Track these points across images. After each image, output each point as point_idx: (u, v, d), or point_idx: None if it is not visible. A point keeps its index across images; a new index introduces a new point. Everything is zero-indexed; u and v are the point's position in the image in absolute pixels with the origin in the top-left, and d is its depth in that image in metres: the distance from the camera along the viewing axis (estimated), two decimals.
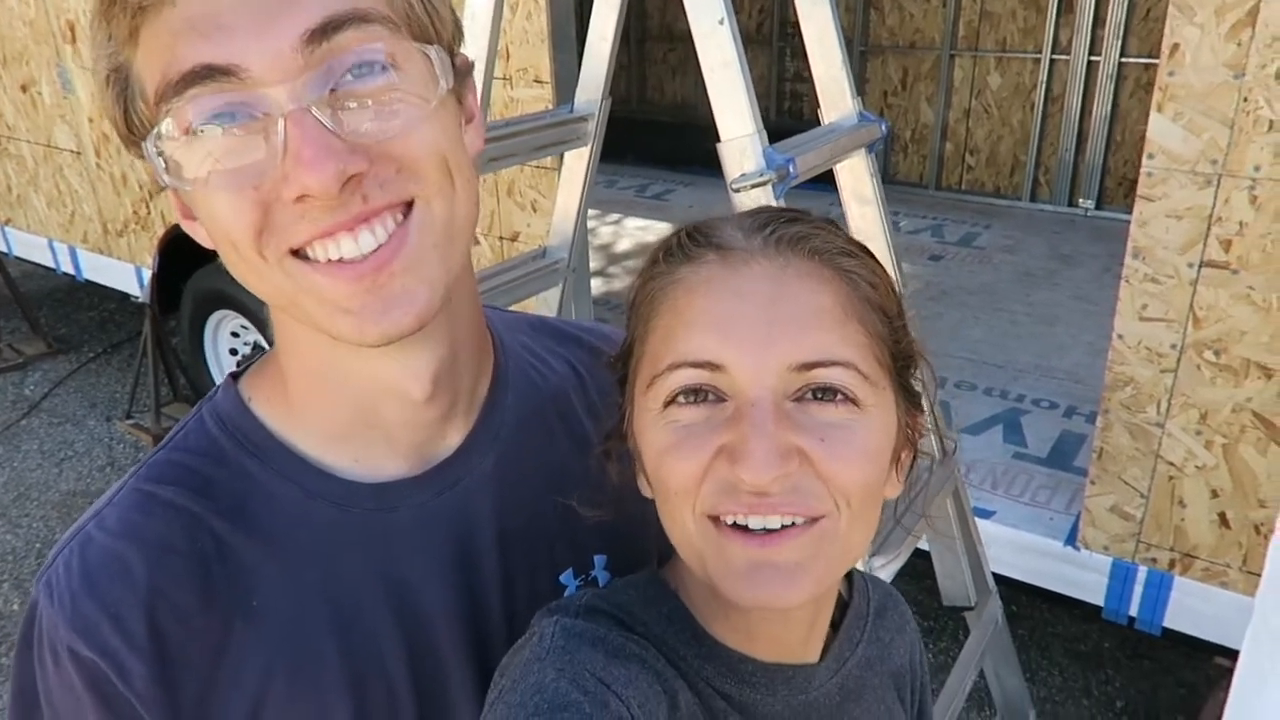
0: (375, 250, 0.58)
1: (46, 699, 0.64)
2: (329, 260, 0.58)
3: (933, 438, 1.76)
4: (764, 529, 0.57)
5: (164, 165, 0.57)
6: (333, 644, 0.67)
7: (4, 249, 5.00)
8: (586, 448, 0.77)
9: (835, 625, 0.73)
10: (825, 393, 0.58)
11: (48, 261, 4.76)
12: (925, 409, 0.70)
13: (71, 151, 4.22)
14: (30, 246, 4.80)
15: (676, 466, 0.59)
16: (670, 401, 0.60)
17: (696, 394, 0.59)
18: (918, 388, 0.67)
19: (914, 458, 0.69)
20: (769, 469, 0.55)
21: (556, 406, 0.80)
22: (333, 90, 0.55)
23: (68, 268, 4.66)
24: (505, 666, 0.62)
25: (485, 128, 0.63)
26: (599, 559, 0.79)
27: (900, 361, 0.64)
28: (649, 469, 0.63)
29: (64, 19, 3.94)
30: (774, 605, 0.59)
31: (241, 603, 0.65)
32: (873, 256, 0.65)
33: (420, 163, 0.59)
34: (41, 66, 4.15)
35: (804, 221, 0.64)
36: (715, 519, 0.59)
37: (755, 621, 0.65)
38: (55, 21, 3.98)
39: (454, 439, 0.73)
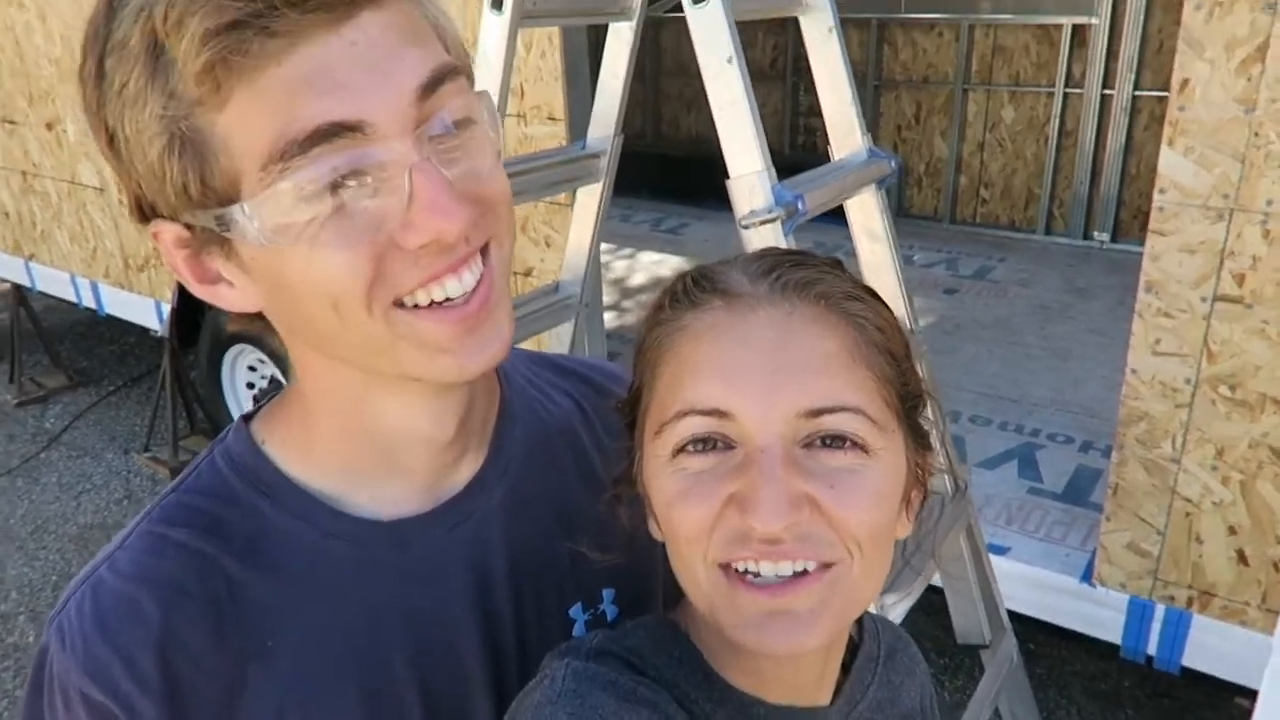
0: (474, 289, 0.61)
1: None
2: (431, 303, 0.60)
3: (945, 473, 1.75)
4: (776, 577, 0.58)
5: (257, 227, 0.55)
6: (349, 683, 0.67)
7: (28, 283, 5.07)
8: (594, 481, 0.77)
9: (846, 667, 0.72)
10: (834, 439, 0.58)
11: (70, 296, 4.83)
12: (935, 447, 0.70)
13: (95, 188, 4.29)
14: (53, 281, 4.87)
15: (687, 515, 0.59)
16: (679, 449, 0.60)
17: (705, 442, 0.59)
18: (926, 426, 0.67)
19: (924, 497, 0.69)
20: (779, 518, 0.55)
21: (563, 440, 0.81)
22: (433, 138, 0.58)
23: (89, 302, 4.72)
24: (515, 710, 0.62)
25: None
26: (607, 593, 0.79)
27: (908, 402, 0.64)
28: (659, 516, 0.63)
29: None
30: (787, 653, 0.59)
31: (256, 643, 0.65)
32: (879, 299, 0.65)
33: (498, 204, 0.63)
34: (67, 105, 4.24)
35: (810, 265, 0.64)
36: (726, 566, 0.59)
37: (766, 665, 0.65)
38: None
39: (465, 473, 0.73)
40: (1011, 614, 2.05)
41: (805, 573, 0.58)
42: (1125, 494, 2.14)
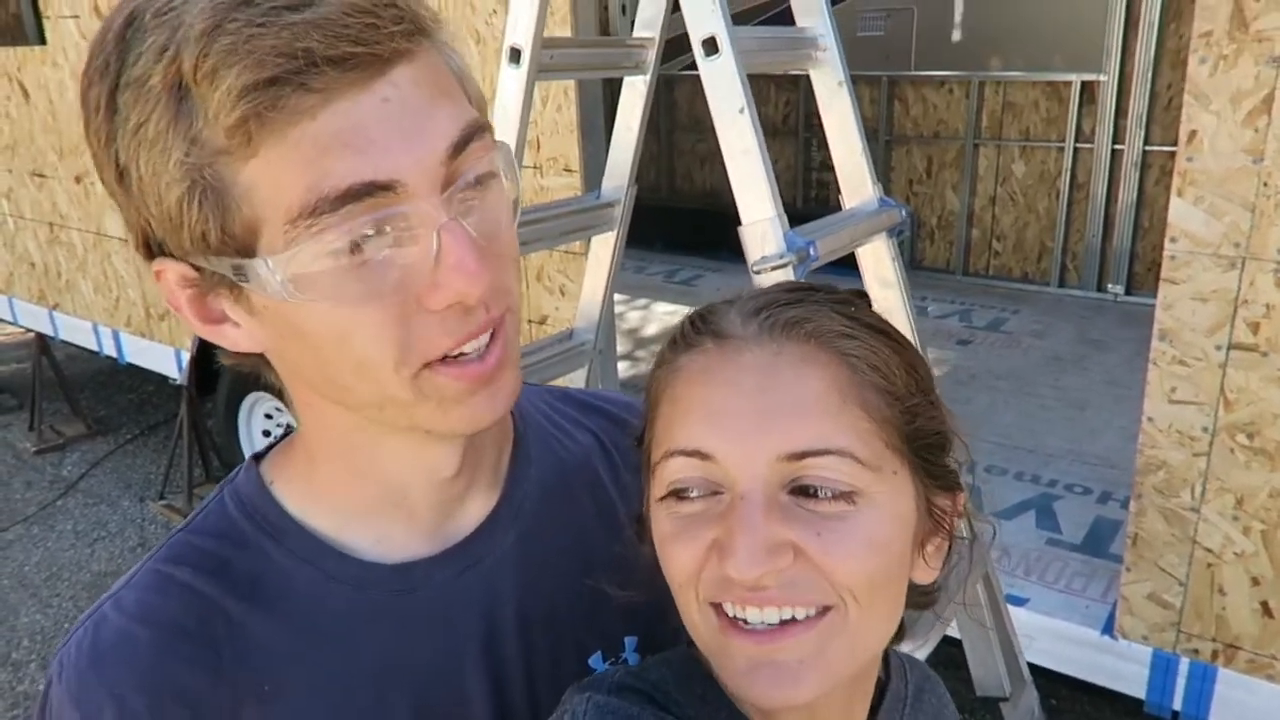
0: (488, 345, 0.61)
1: None
2: (445, 357, 0.60)
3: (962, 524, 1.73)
4: (763, 624, 0.56)
5: (280, 280, 0.55)
6: None
7: (51, 332, 5.15)
8: (613, 519, 0.76)
9: (875, 708, 0.70)
10: (821, 481, 0.56)
11: (91, 345, 4.89)
12: (961, 488, 0.67)
13: (120, 239, 4.37)
14: (76, 330, 4.94)
15: (676, 556, 0.59)
16: (670, 491, 0.60)
17: (698, 484, 0.59)
18: (953, 466, 0.65)
19: (951, 542, 0.66)
20: (754, 566, 0.54)
21: (581, 478, 0.79)
22: (460, 197, 0.58)
23: (110, 351, 4.78)
24: None
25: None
26: (630, 640, 0.77)
27: (918, 441, 0.61)
28: (659, 559, 0.63)
29: None
30: (777, 706, 0.57)
31: (253, 686, 0.64)
32: (885, 335, 0.63)
33: (513, 260, 0.63)
34: None
35: (806, 303, 0.62)
36: (718, 607, 0.58)
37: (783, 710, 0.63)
38: None
39: (475, 514, 0.72)
40: (1033, 667, 2.01)
41: (794, 620, 0.56)
42: (1145, 544, 2.12)
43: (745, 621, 0.57)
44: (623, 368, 3.98)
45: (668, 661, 0.68)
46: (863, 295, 0.66)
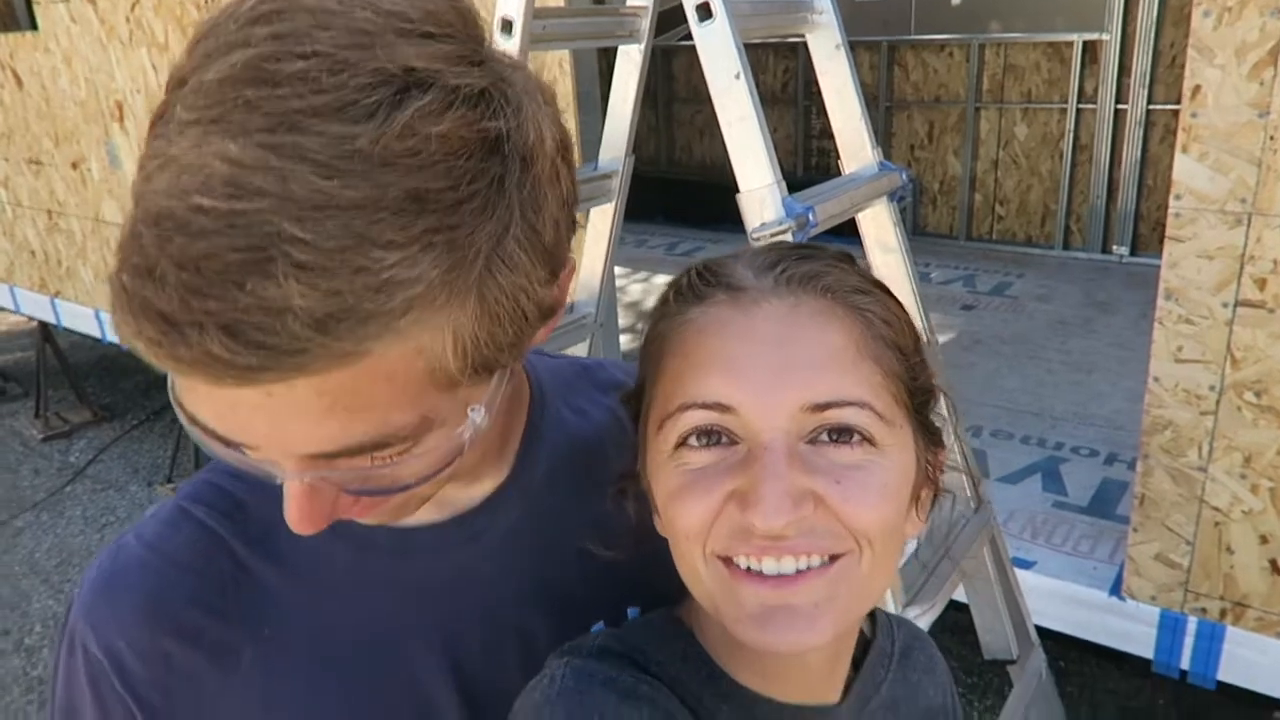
0: None
1: (61, 682, 0.68)
2: None
3: (966, 484, 1.73)
4: (778, 573, 0.56)
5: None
6: (337, 680, 0.67)
7: (53, 320, 5.15)
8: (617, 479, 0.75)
9: (858, 664, 0.71)
10: (840, 434, 0.57)
11: (94, 331, 4.89)
12: (947, 445, 0.69)
13: (119, 225, 4.36)
14: (77, 317, 4.94)
15: (686, 510, 0.58)
16: (681, 444, 0.59)
17: (709, 435, 0.58)
18: (938, 423, 0.66)
19: (935, 495, 0.68)
20: (781, 514, 0.54)
21: (591, 459, 0.78)
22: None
23: (114, 337, 4.77)
24: (516, 710, 0.62)
25: None
26: (632, 611, 0.77)
27: (918, 398, 0.63)
28: (660, 511, 0.62)
29: (113, 99, 4.11)
30: (789, 650, 0.57)
31: (253, 628, 0.66)
32: (888, 293, 0.64)
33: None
34: (91, 144, 4.32)
35: (817, 258, 0.63)
36: (728, 560, 0.58)
37: (771, 662, 0.64)
38: (104, 101, 4.16)
39: (483, 488, 0.72)
40: (1041, 630, 2.01)
41: (808, 568, 0.56)
42: (1152, 504, 2.11)
43: (760, 572, 0.57)
44: (624, 341, 3.97)
45: (649, 624, 0.68)
46: (851, 258, 0.66)
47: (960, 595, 1.92)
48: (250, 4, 0.47)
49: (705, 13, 1.40)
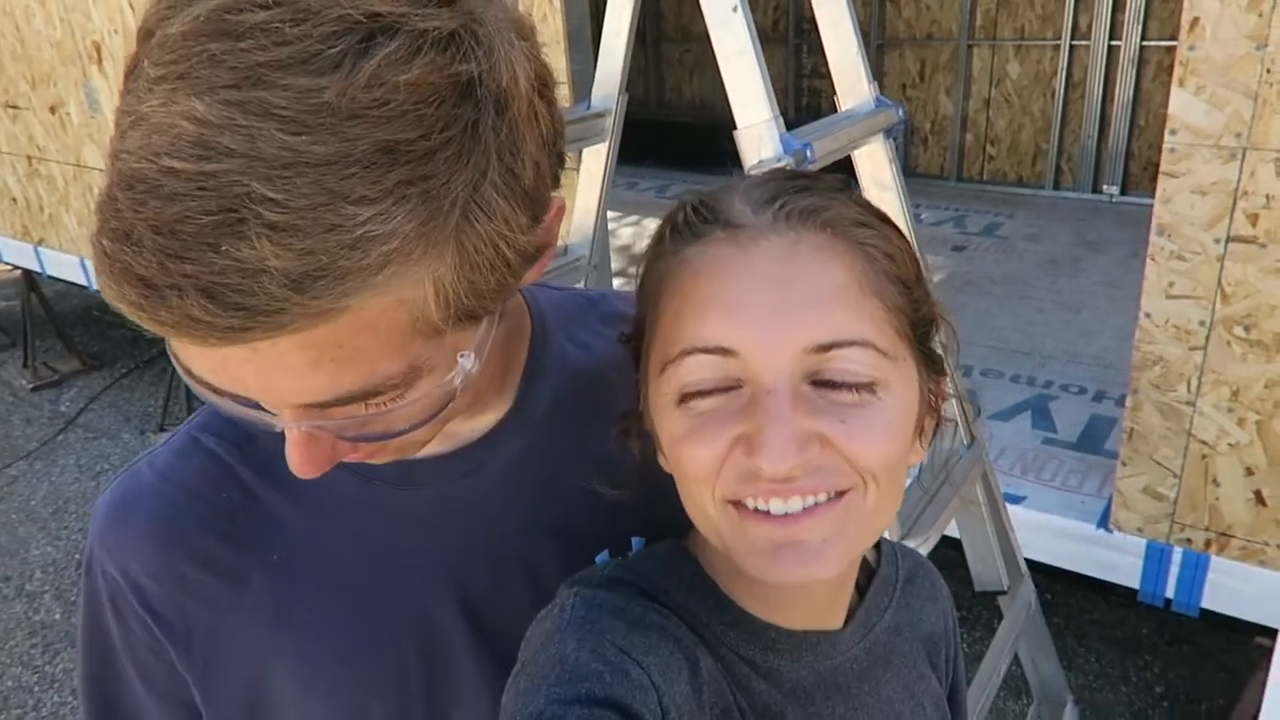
0: None
1: (84, 605, 0.71)
2: None
3: (959, 419, 1.75)
4: (785, 512, 0.57)
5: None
6: (344, 606, 0.69)
7: (38, 269, 5.09)
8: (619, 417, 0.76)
9: (862, 591, 0.72)
10: (843, 373, 0.56)
11: (80, 279, 4.85)
12: (947, 373, 0.69)
13: (101, 170, 4.29)
14: (63, 265, 4.89)
15: (693, 454, 0.58)
16: (684, 388, 0.59)
17: (717, 381, 0.58)
18: (939, 350, 0.66)
19: (937, 424, 0.68)
20: (787, 458, 0.54)
21: (595, 392, 0.77)
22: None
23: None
24: (527, 640, 0.62)
25: None
26: (637, 541, 0.77)
27: (920, 328, 0.62)
28: (666, 453, 0.63)
29: (89, 40, 4.01)
30: (799, 583, 0.58)
31: (262, 553, 0.68)
32: (888, 223, 0.63)
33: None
34: (69, 87, 4.23)
35: (816, 191, 0.61)
36: (736, 503, 0.58)
37: (776, 590, 0.65)
38: (81, 42, 4.06)
39: (486, 421, 0.72)
40: (1029, 564, 2.05)
41: (816, 504, 0.57)
42: (1141, 438, 2.14)
43: (768, 512, 0.57)
44: (617, 284, 3.96)
45: (656, 554, 0.69)
46: (849, 187, 0.65)
47: (951, 530, 1.95)
48: None
49: None
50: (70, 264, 4.81)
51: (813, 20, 1.70)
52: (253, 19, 0.43)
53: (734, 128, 1.45)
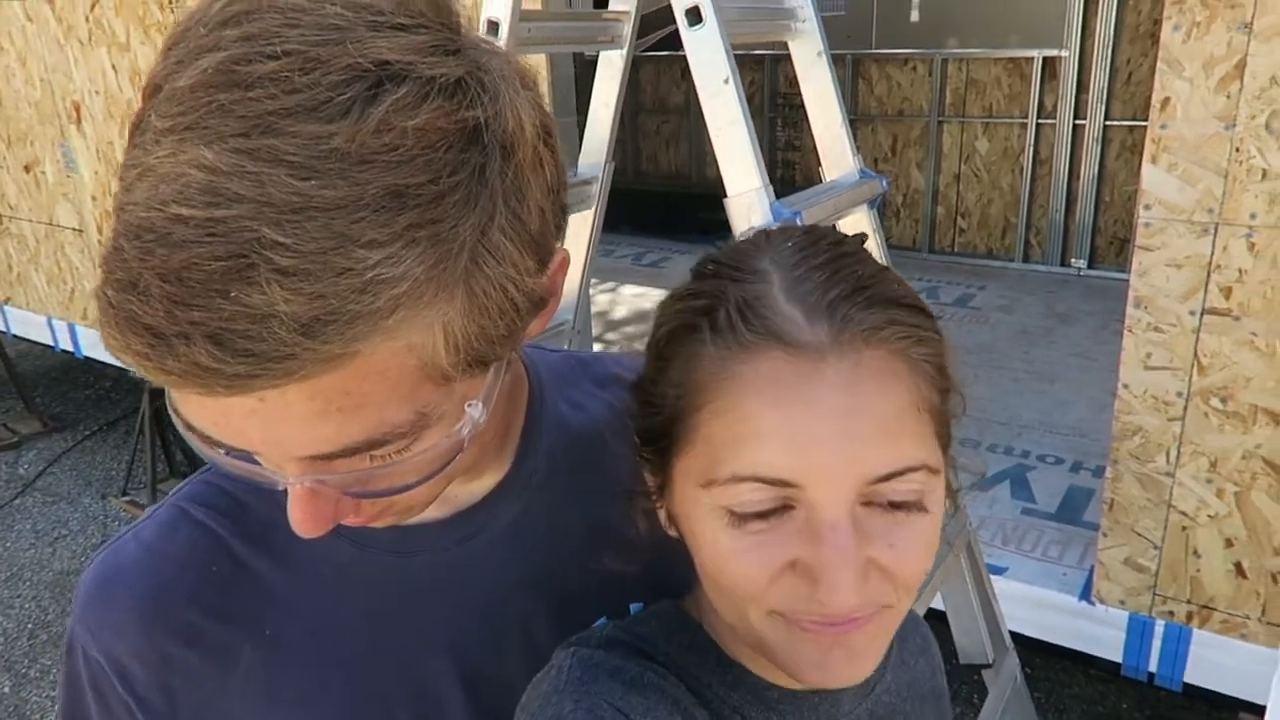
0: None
1: (64, 686, 0.68)
2: None
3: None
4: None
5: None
6: (339, 678, 0.67)
7: (2, 328, 5.01)
8: (621, 491, 0.75)
9: None
10: (899, 494, 0.55)
11: (46, 339, 4.77)
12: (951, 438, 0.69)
13: (74, 229, 4.26)
14: (29, 324, 4.81)
15: (745, 573, 0.57)
16: (735, 509, 0.56)
17: (770, 505, 0.56)
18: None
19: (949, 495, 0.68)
20: (851, 598, 0.54)
21: (590, 453, 0.77)
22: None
23: (66, 344, 4.66)
24: (525, 702, 0.61)
25: None
26: (635, 607, 0.76)
27: (949, 422, 0.61)
28: (702, 560, 0.60)
29: (69, 100, 4.02)
30: (846, 684, 0.59)
31: (254, 628, 0.66)
32: (928, 314, 0.60)
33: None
34: (46, 146, 4.22)
35: (866, 288, 0.57)
36: (785, 614, 0.57)
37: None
38: (61, 102, 4.06)
39: (484, 484, 0.71)
40: (1010, 635, 2.03)
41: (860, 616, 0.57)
42: (1121, 509, 2.15)
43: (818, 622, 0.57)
44: (596, 349, 3.96)
45: (655, 615, 0.68)
46: (885, 270, 0.62)
47: (936, 602, 1.93)
48: (220, 5, 0.46)
49: (695, 17, 1.40)
50: (38, 323, 4.73)
51: (787, 95, 1.73)
52: (262, 69, 0.43)
53: (711, 196, 1.47)
